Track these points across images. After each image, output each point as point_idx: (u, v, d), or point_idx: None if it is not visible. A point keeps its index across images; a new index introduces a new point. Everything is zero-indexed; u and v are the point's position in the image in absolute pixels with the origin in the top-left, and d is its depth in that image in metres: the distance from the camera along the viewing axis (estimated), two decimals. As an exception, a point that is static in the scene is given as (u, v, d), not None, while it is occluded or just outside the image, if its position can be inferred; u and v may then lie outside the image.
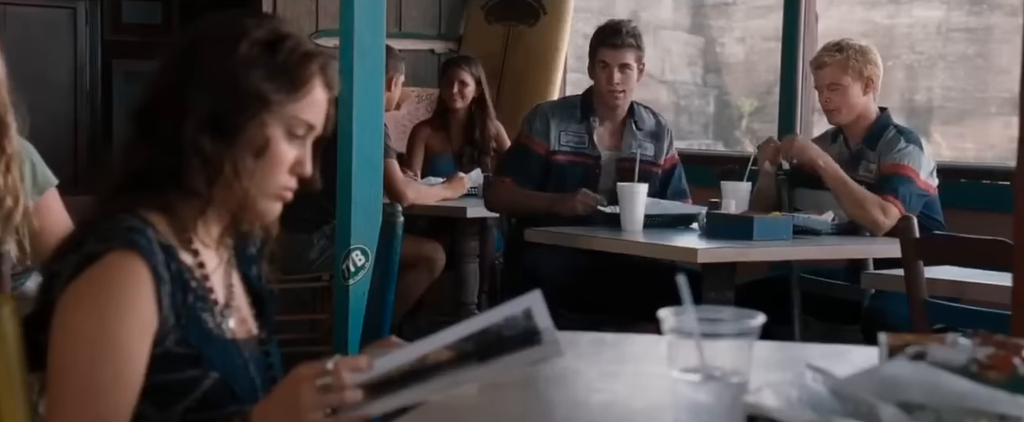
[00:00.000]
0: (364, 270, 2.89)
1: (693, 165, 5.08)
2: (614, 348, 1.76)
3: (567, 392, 1.49)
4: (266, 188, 1.39)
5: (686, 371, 1.23)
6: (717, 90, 5.74)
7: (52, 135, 5.21)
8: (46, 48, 5.55)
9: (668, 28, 5.87)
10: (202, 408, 1.36)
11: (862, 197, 3.40)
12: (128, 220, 1.33)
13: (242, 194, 1.37)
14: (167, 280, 1.33)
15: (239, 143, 1.36)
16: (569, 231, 3.49)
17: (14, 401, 1.34)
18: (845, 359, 1.55)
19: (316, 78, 1.40)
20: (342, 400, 1.27)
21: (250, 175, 1.37)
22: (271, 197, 1.40)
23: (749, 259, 3.22)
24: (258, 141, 1.36)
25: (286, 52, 1.38)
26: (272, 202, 1.41)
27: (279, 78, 1.37)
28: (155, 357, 1.33)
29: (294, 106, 1.38)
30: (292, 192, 1.42)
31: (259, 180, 1.38)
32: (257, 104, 1.36)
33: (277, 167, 1.38)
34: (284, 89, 1.37)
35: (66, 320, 1.31)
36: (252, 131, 1.36)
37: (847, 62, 3.54)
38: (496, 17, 5.78)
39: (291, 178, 1.40)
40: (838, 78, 3.54)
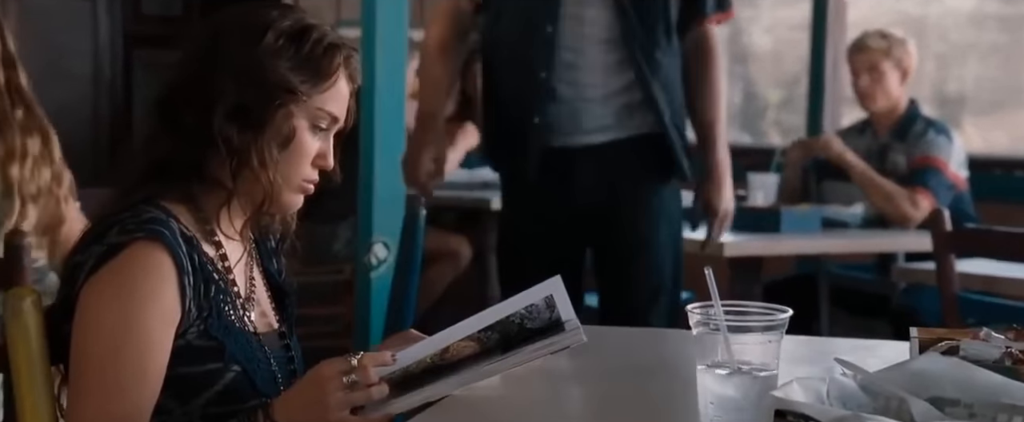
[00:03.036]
0: (386, 262, 2.88)
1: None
2: (640, 341, 1.74)
3: (592, 386, 1.48)
4: (290, 180, 1.38)
5: (713, 365, 1.21)
6: (743, 81, 5.70)
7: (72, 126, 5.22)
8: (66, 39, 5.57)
9: (694, 19, 5.82)
10: (223, 401, 1.35)
11: (890, 191, 3.37)
12: (151, 211, 1.33)
13: (267, 185, 1.36)
14: (190, 271, 1.32)
15: (266, 134, 1.35)
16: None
17: (37, 393, 1.33)
18: (875, 354, 1.53)
19: (341, 70, 1.39)
20: (368, 397, 1.27)
21: (275, 166, 1.36)
22: (294, 189, 1.40)
23: (776, 252, 3.19)
24: (284, 132, 1.36)
25: (312, 43, 1.37)
26: (295, 194, 1.41)
27: (305, 69, 1.36)
28: (177, 349, 1.33)
29: (319, 98, 1.37)
30: (314, 185, 1.41)
31: (284, 171, 1.37)
32: (284, 95, 1.35)
33: (301, 159, 1.38)
34: (310, 80, 1.36)
35: (89, 311, 1.30)
36: (278, 122, 1.36)
37: (890, 49, 3.53)
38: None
39: (313, 171, 1.40)
40: (879, 64, 3.53)
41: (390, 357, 1.28)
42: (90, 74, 5.66)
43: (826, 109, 4.74)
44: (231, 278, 1.40)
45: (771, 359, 1.21)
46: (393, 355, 1.28)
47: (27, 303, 1.33)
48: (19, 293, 1.35)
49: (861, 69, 3.57)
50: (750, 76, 5.69)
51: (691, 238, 2.99)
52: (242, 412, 1.31)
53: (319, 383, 1.27)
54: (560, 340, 1.31)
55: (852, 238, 3.32)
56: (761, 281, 3.28)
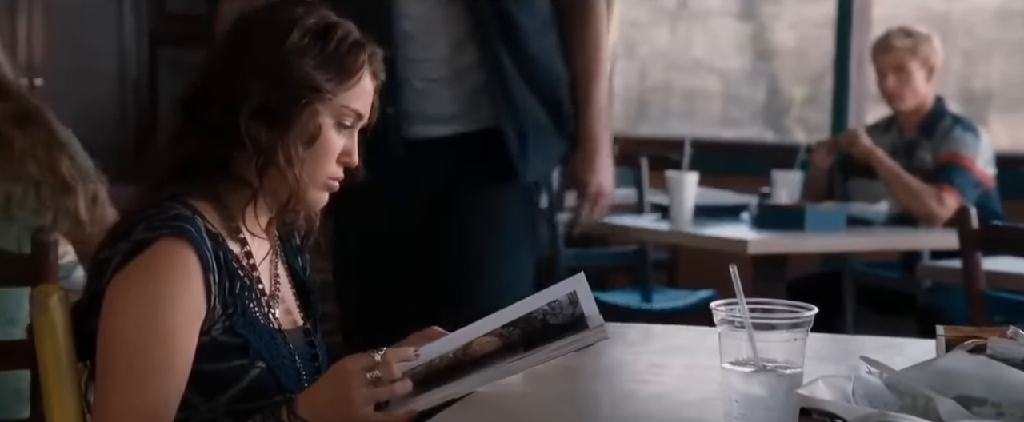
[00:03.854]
0: (409, 260, 2.87)
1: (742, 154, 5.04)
2: (663, 339, 1.74)
3: (615, 384, 1.47)
4: (316, 177, 1.39)
5: (738, 363, 1.20)
6: (767, 78, 5.67)
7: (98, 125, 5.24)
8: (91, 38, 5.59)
9: (717, 15, 5.81)
10: (248, 398, 1.35)
11: (917, 189, 3.35)
12: (177, 208, 1.33)
13: (293, 183, 1.37)
14: (215, 269, 1.33)
15: (292, 132, 1.36)
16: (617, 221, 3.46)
17: (64, 389, 1.34)
18: (901, 352, 1.52)
19: (365, 67, 1.39)
20: (392, 392, 1.27)
21: (301, 164, 1.37)
22: (320, 186, 1.41)
23: (801, 250, 3.18)
24: (310, 130, 1.36)
25: (337, 41, 1.38)
26: (321, 191, 1.41)
27: (330, 67, 1.37)
28: (202, 346, 1.33)
29: (345, 95, 1.38)
30: (339, 182, 1.41)
31: (309, 170, 1.38)
32: (309, 93, 1.36)
33: (327, 157, 1.39)
34: (335, 78, 1.37)
35: (115, 307, 1.31)
36: (305, 120, 1.36)
37: (916, 48, 3.50)
38: (543, 5, 5.75)
39: (339, 168, 1.41)
40: (905, 63, 3.50)
41: (413, 353, 1.28)
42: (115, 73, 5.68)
43: (851, 106, 4.72)
44: (256, 275, 1.41)
45: (796, 357, 1.21)
46: (416, 351, 1.29)
47: (54, 299, 1.34)
48: (46, 289, 1.36)
49: (887, 69, 3.54)
50: (774, 73, 5.67)
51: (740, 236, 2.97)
52: (266, 408, 1.32)
53: (343, 379, 1.28)
54: (583, 338, 1.30)
55: (877, 236, 3.30)
56: (785, 279, 3.26)
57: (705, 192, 3.53)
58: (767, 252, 3.09)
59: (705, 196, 3.50)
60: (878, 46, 3.62)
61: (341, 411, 1.27)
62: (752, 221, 3.33)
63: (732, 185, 3.99)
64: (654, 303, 3.90)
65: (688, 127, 5.43)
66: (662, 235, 3.53)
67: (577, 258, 3.95)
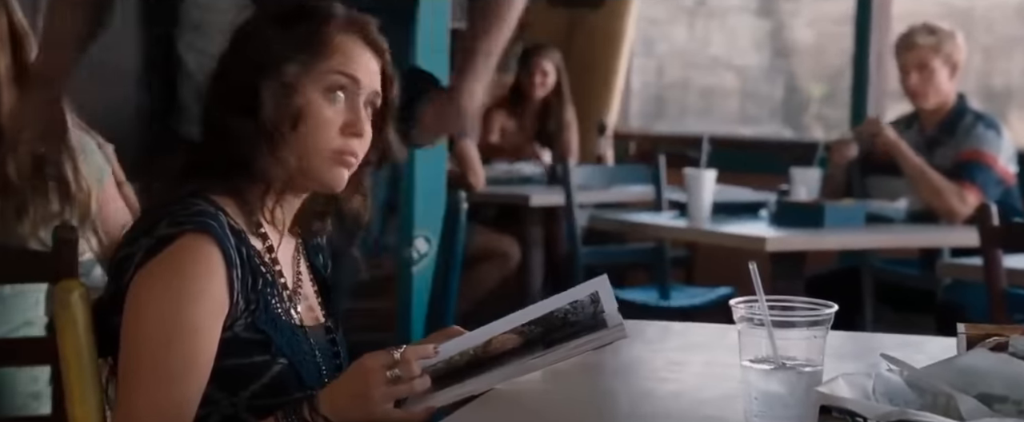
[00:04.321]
0: (427, 257, 2.88)
1: (760, 151, 5.03)
2: (681, 336, 1.73)
3: (634, 381, 1.47)
4: (316, 153, 1.37)
5: (757, 361, 1.20)
6: (785, 75, 5.65)
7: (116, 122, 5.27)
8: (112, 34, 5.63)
9: (735, 12, 5.79)
10: (269, 393, 1.36)
11: (940, 185, 3.33)
12: (200, 204, 1.34)
13: (292, 164, 1.37)
14: (238, 264, 1.33)
15: (273, 116, 1.36)
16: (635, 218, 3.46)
17: (85, 385, 1.35)
18: (921, 349, 1.51)
19: (340, 35, 1.39)
20: (411, 389, 1.27)
21: (292, 144, 1.36)
22: (327, 162, 1.38)
23: (819, 247, 3.17)
24: (292, 110, 1.36)
25: (303, 19, 1.39)
26: (331, 167, 1.39)
27: (297, 45, 1.38)
28: (224, 341, 1.34)
29: (325, 64, 1.38)
30: (354, 156, 1.39)
31: (306, 146, 1.37)
32: (279, 75, 1.37)
33: (320, 129, 1.37)
34: (304, 54, 1.37)
35: (138, 303, 1.31)
36: (280, 101, 1.36)
37: (939, 45, 3.47)
38: (560, 1, 5.75)
39: (346, 140, 1.38)
40: (928, 61, 3.46)
41: (432, 350, 1.28)
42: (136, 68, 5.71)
43: (870, 103, 4.70)
44: (278, 271, 1.41)
45: (816, 355, 1.20)
46: (436, 348, 1.29)
47: (75, 295, 1.35)
48: (67, 286, 1.36)
49: (910, 67, 3.51)
50: (792, 70, 5.65)
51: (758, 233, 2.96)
52: (288, 404, 1.32)
53: (363, 376, 1.28)
54: (603, 336, 1.30)
55: (897, 233, 3.29)
56: (803, 276, 3.25)
57: (723, 189, 3.52)
58: (786, 250, 3.08)
59: (723, 193, 3.49)
60: (901, 44, 3.59)
61: (361, 407, 1.28)
62: (771, 218, 3.32)
63: (750, 182, 3.98)
64: (672, 300, 3.90)
65: (706, 124, 5.42)
66: (680, 232, 3.53)
67: (594, 255, 3.95)
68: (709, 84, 5.89)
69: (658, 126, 5.87)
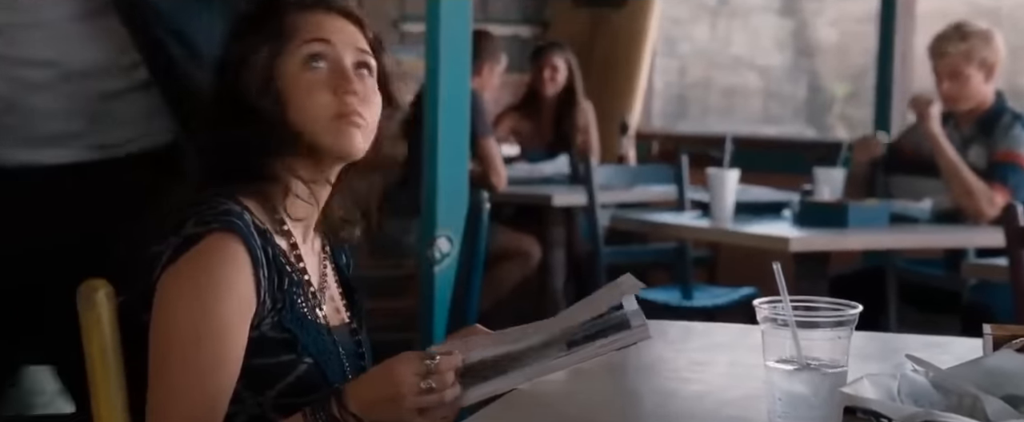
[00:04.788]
0: (450, 256, 2.88)
1: (783, 151, 5.01)
2: (704, 337, 1.73)
3: (658, 382, 1.47)
4: (315, 120, 1.36)
5: (781, 361, 1.20)
6: (808, 74, 5.63)
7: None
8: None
9: (758, 11, 5.77)
10: (295, 393, 1.36)
11: (972, 186, 3.30)
12: (226, 203, 1.35)
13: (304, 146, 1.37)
14: (264, 263, 1.34)
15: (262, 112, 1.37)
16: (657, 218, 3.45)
17: (111, 384, 1.35)
18: (946, 350, 1.50)
19: (298, 13, 1.39)
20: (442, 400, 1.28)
21: (292, 130, 1.37)
22: (330, 125, 1.37)
23: (843, 247, 3.15)
24: (276, 96, 1.37)
25: (263, 13, 1.41)
26: (336, 129, 1.37)
27: (262, 36, 1.39)
28: (251, 340, 1.34)
29: (291, 44, 1.38)
30: (359, 116, 1.37)
31: (305, 120, 1.36)
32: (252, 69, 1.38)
33: (310, 98, 1.37)
34: (270, 41, 1.38)
35: (166, 302, 1.32)
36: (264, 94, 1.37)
37: (971, 52, 3.40)
38: (583, 1, 5.74)
39: (341, 98, 1.37)
40: (961, 68, 3.40)
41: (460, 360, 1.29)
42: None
43: (894, 102, 4.67)
44: (302, 266, 1.41)
45: (840, 355, 1.20)
46: (465, 359, 1.29)
47: (100, 294, 1.36)
48: (93, 285, 1.37)
49: (942, 74, 3.44)
50: (815, 69, 5.62)
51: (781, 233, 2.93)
52: (315, 401, 1.32)
53: (395, 383, 1.28)
54: (626, 337, 1.30)
55: (921, 233, 3.27)
56: (827, 276, 3.24)
57: (746, 189, 3.51)
58: (809, 250, 3.07)
59: (746, 193, 3.48)
60: (933, 50, 3.52)
61: (390, 411, 1.28)
62: (794, 218, 3.31)
63: (773, 182, 3.97)
64: (694, 300, 3.89)
65: (728, 124, 5.40)
66: (702, 232, 3.52)
67: (616, 255, 3.95)
68: (732, 84, 5.87)
69: (680, 126, 5.86)
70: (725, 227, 3.26)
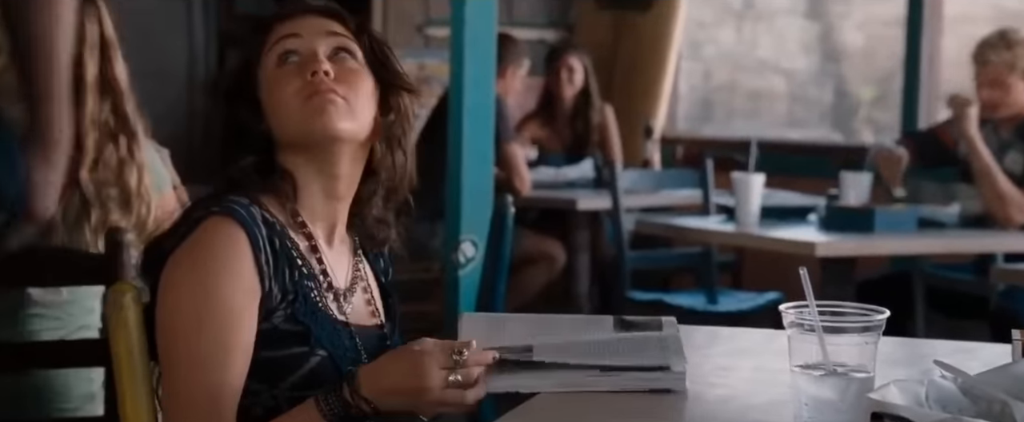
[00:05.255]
0: (474, 260, 2.89)
1: (809, 155, 4.98)
2: (729, 342, 1.72)
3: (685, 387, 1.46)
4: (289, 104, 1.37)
5: (808, 367, 1.19)
6: (835, 78, 5.60)
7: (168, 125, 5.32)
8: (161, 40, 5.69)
9: (783, 14, 5.75)
10: (309, 385, 1.36)
11: (1004, 191, 3.27)
12: (235, 198, 1.36)
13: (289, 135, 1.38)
14: (267, 250, 1.34)
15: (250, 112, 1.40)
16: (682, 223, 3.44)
17: (137, 386, 1.36)
18: (974, 356, 1.49)
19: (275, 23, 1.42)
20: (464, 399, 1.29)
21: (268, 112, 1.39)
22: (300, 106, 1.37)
23: (870, 252, 3.13)
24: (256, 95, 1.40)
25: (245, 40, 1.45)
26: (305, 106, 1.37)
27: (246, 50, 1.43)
28: (264, 333, 1.34)
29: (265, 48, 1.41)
30: (331, 91, 1.37)
31: (280, 107, 1.38)
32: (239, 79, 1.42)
33: (281, 86, 1.38)
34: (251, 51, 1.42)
35: (170, 287, 1.33)
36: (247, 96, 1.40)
37: (1015, 61, 3.36)
38: (607, 4, 5.74)
39: (311, 81, 1.37)
40: (1004, 76, 3.37)
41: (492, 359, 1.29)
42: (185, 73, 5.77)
43: (921, 106, 4.64)
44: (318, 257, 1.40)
45: (868, 361, 1.19)
46: (495, 357, 1.30)
47: (127, 298, 1.37)
48: (120, 288, 1.38)
49: (983, 82, 3.41)
50: (842, 73, 5.60)
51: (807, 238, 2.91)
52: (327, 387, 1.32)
53: (420, 374, 1.29)
54: (662, 379, 1.31)
55: (949, 238, 3.24)
56: (854, 281, 3.22)
57: (771, 193, 3.49)
58: (835, 255, 3.05)
59: (771, 197, 3.46)
60: (976, 57, 3.47)
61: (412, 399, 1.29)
62: (820, 223, 3.29)
63: (799, 187, 3.95)
64: (719, 305, 3.87)
65: (753, 128, 5.38)
66: (728, 237, 3.51)
67: (641, 259, 3.94)
68: (757, 87, 5.85)
69: (705, 130, 5.84)
70: (750, 232, 3.25)
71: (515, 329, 1.39)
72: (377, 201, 1.46)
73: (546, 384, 1.30)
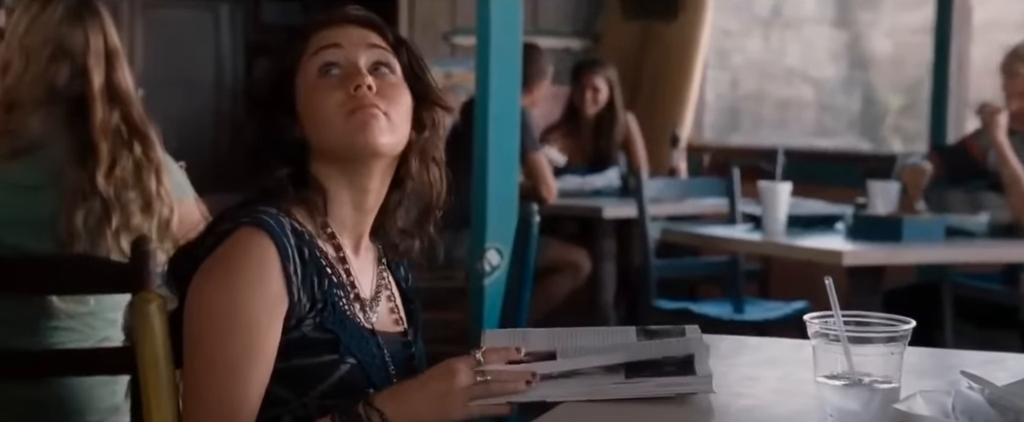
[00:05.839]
0: (499, 269, 2.88)
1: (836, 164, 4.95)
2: (755, 351, 1.71)
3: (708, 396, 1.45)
4: (330, 118, 1.38)
5: (832, 377, 1.18)
6: (863, 86, 5.57)
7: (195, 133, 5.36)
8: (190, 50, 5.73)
9: (811, 22, 5.73)
10: (338, 393, 1.37)
11: None
12: (264, 208, 1.37)
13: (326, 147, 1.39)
14: (297, 260, 1.34)
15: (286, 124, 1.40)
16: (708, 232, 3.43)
17: (162, 394, 1.37)
18: (1003, 367, 1.47)
19: (314, 32, 1.42)
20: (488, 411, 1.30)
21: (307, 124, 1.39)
22: (342, 119, 1.38)
23: (898, 262, 3.11)
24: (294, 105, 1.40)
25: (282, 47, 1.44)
26: (348, 121, 1.37)
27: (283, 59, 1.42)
28: (293, 341, 1.35)
29: (305, 57, 1.41)
30: (374, 106, 1.38)
31: (319, 120, 1.38)
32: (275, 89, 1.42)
33: (323, 99, 1.38)
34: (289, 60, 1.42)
35: (196, 296, 1.34)
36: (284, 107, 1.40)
37: None
38: (633, 13, 5.73)
39: (352, 94, 1.38)
40: None
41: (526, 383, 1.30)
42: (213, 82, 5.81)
43: (950, 114, 4.61)
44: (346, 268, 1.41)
45: (893, 371, 1.18)
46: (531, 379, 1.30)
47: (153, 307, 1.37)
48: (145, 297, 1.39)
49: (1012, 93, 3.41)
50: (870, 81, 5.57)
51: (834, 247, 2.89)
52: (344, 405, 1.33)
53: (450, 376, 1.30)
54: (689, 384, 1.31)
55: (978, 247, 3.22)
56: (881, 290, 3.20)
57: (798, 202, 3.47)
58: (863, 264, 3.03)
59: (798, 206, 3.44)
60: (1004, 67, 3.47)
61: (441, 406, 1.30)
62: (847, 232, 3.27)
63: (827, 195, 3.93)
64: (746, 314, 3.86)
65: (781, 136, 5.36)
66: (754, 246, 3.49)
67: (668, 268, 3.93)
68: (785, 96, 5.83)
69: (733, 138, 5.82)
70: (777, 240, 3.23)
71: (537, 341, 1.39)
72: (402, 212, 1.46)
73: (572, 393, 1.30)
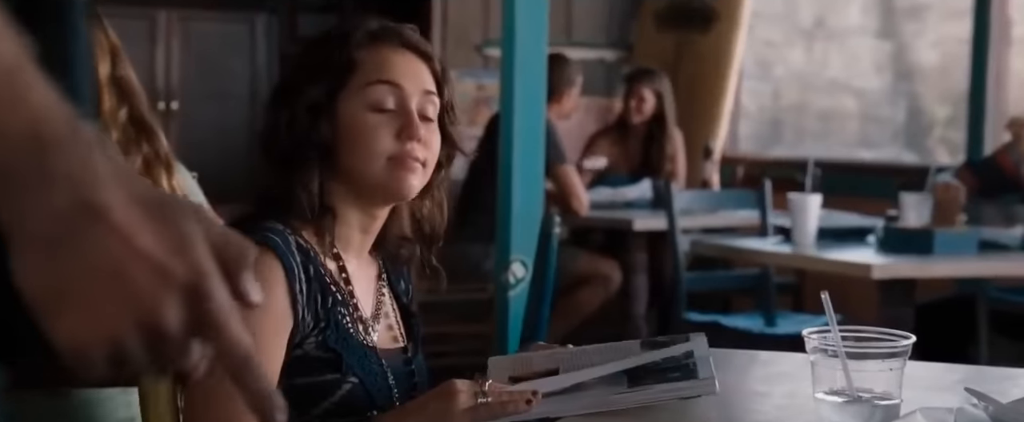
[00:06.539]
0: (524, 281, 2.88)
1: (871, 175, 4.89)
2: (767, 366, 1.69)
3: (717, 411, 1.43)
4: (372, 161, 1.38)
5: (831, 393, 1.16)
6: (908, 97, 5.50)
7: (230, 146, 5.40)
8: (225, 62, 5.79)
9: (855, 33, 5.67)
10: (340, 412, 1.37)
11: None
12: (270, 225, 1.37)
13: (356, 183, 1.38)
14: (303, 279, 1.35)
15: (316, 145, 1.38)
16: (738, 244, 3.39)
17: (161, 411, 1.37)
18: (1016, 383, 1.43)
19: (365, 50, 1.40)
20: None
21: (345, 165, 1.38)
22: (385, 168, 1.38)
23: (928, 275, 3.06)
24: (329, 133, 1.38)
25: (325, 45, 1.41)
26: (392, 172, 1.38)
27: (320, 69, 1.39)
28: (295, 359, 1.35)
29: (354, 81, 1.38)
30: (417, 160, 1.38)
31: (360, 160, 1.38)
32: (306, 103, 1.39)
33: (366, 138, 1.37)
34: (329, 76, 1.39)
35: None
36: (316, 128, 1.38)
37: None
38: (668, 24, 5.70)
39: (402, 144, 1.38)
40: None
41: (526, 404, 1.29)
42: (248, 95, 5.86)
43: (987, 128, 4.54)
44: (350, 289, 1.41)
45: (893, 387, 1.16)
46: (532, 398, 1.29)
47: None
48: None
49: None
50: (915, 92, 5.49)
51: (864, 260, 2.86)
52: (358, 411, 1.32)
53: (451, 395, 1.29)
54: (692, 387, 1.29)
55: (1012, 260, 3.16)
56: (915, 303, 3.15)
57: (830, 214, 3.43)
58: (893, 277, 2.98)
59: (830, 218, 3.40)
60: None
61: None
62: (878, 244, 3.22)
63: (862, 207, 3.88)
64: (778, 327, 3.81)
65: (824, 148, 5.31)
66: (784, 258, 3.46)
67: (699, 281, 3.89)
68: (827, 107, 5.77)
69: (775, 150, 5.78)
70: (806, 253, 3.19)
71: (541, 362, 1.38)
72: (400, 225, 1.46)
73: (574, 407, 1.29)
